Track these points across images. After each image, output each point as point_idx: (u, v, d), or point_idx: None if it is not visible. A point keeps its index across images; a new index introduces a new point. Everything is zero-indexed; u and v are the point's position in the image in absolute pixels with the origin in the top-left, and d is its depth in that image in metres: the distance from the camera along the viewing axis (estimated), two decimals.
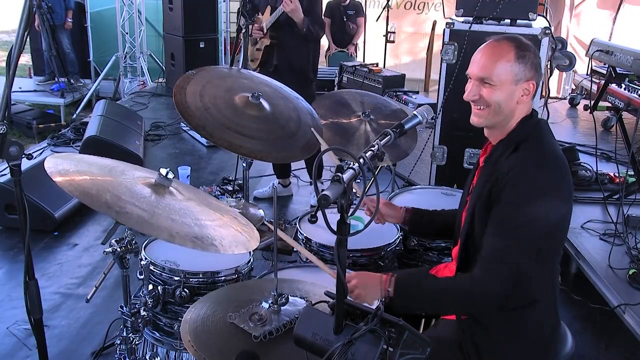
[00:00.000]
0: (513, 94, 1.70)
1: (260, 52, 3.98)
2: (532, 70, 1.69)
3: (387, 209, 2.17)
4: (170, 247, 2.15)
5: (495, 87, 1.69)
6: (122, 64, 8.29)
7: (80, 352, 2.70)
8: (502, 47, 1.69)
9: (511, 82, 1.68)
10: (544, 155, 1.67)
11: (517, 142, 1.70)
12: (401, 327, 1.18)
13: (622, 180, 3.84)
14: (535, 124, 1.74)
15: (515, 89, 1.69)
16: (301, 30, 3.73)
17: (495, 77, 1.68)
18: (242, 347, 1.45)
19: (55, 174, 1.56)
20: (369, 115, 2.67)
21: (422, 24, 9.13)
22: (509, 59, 1.67)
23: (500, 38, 1.73)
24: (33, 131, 6.58)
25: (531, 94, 1.72)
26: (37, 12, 7.00)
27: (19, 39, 1.82)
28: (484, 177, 1.74)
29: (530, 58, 1.69)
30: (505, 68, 1.67)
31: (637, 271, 2.98)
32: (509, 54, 1.68)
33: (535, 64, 1.70)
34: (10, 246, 3.68)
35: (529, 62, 1.68)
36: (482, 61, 1.72)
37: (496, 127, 1.77)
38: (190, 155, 5.56)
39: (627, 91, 4.42)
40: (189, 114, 2.19)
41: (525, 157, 1.66)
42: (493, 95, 1.70)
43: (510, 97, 1.70)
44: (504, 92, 1.69)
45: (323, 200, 1.15)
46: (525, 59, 1.68)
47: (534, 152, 1.68)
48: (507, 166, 1.66)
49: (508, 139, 1.74)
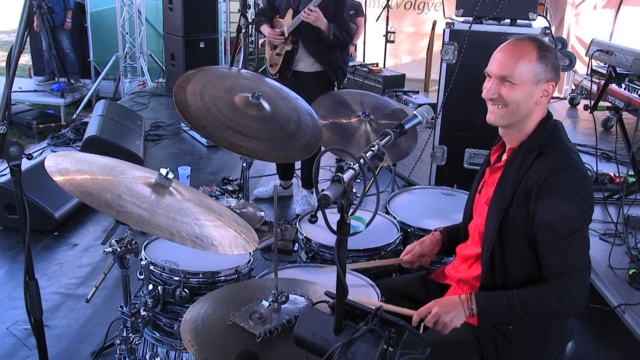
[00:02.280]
0: (532, 95, 1.69)
1: (280, 57, 3.80)
2: (552, 71, 1.69)
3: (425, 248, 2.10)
4: (170, 247, 2.16)
5: (515, 86, 1.69)
6: (122, 64, 8.29)
7: (80, 352, 2.70)
8: (525, 47, 1.69)
9: (532, 82, 1.68)
10: (571, 158, 1.68)
11: (540, 145, 1.70)
12: (401, 327, 1.18)
13: (622, 180, 3.84)
14: (553, 126, 1.74)
15: (535, 89, 1.69)
16: (328, 37, 3.56)
17: (517, 76, 1.68)
18: (242, 346, 1.45)
19: (56, 173, 1.56)
20: (369, 115, 2.67)
21: (422, 24, 9.13)
22: (531, 58, 1.67)
23: (523, 38, 1.72)
24: (33, 131, 6.58)
25: (550, 95, 1.71)
26: (37, 12, 7.00)
27: (19, 39, 1.82)
28: (509, 183, 1.72)
29: (551, 59, 1.68)
30: (526, 67, 1.67)
31: (637, 271, 2.99)
32: (531, 53, 1.67)
33: (555, 65, 1.69)
34: (10, 246, 3.68)
35: (549, 63, 1.68)
36: (503, 60, 1.71)
37: (512, 127, 1.76)
38: (190, 155, 5.56)
39: (627, 91, 4.42)
40: (189, 114, 2.19)
41: (555, 163, 1.66)
42: (512, 95, 1.69)
43: (529, 97, 1.69)
44: (524, 91, 1.69)
45: (323, 200, 1.15)
46: (547, 60, 1.68)
47: (561, 156, 1.68)
48: (538, 174, 1.65)
49: (530, 142, 1.73)
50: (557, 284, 1.65)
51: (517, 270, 1.73)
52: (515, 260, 1.72)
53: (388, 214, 2.55)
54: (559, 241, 1.64)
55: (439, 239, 2.11)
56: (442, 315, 1.71)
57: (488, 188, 1.86)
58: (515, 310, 1.68)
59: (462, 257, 1.95)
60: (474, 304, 1.71)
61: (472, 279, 1.88)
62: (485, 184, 1.90)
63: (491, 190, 1.81)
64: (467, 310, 1.71)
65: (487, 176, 1.91)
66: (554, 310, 1.66)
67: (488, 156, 1.95)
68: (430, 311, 1.72)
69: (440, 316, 1.71)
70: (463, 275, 1.92)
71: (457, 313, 1.71)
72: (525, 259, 1.71)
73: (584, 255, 1.67)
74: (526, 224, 1.67)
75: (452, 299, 1.75)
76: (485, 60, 1.77)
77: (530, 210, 1.66)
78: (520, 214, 1.68)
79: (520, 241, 1.69)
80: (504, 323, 1.74)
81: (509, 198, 1.70)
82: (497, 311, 1.71)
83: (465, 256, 1.93)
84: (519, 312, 1.67)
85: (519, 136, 1.76)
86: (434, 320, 1.71)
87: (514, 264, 1.73)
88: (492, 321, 1.73)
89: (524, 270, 1.72)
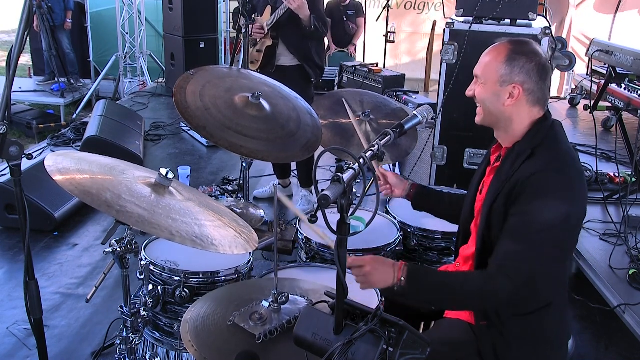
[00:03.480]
0: (498, 96, 1.69)
1: (260, 54, 3.91)
2: (522, 74, 1.66)
3: (394, 179, 2.17)
4: (170, 247, 2.16)
5: (482, 85, 1.71)
6: (122, 64, 8.29)
7: (80, 352, 2.70)
8: (499, 47, 1.70)
9: (495, 82, 1.68)
10: (560, 160, 1.66)
11: (532, 146, 1.68)
12: (401, 327, 1.18)
13: (622, 180, 3.84)
14: (549, 127, 1.72)
15: (500, 90, 1.68)
16: (309, 27, 3.66)
17: (483, 75, 1.70)
18: (242, 346, 1.45)
19: (56, 172, 1.56)
20: (369, 115, 2.67)
21: (422, 24, 9.14)
22: (499, 59, 1.68)
23: (506, 39, 1.73)
24: (33, 131, 6.58)
25: (517, 98, 1.68)
26: (37, 12, 7.00)
27: (19, 39, 1.82)
28: (500, 181, 1.72)
29: (521, 62, 1.66)
30: (492, 67, 1.68)
31: (637, 271, 2.98)
32: (501, 54, 1.68)
33: (527, 68, 1.66)
34: (10, 246, 3.68)
35: (517, 66, 1.66)
36: (481, 59, 1.74)
37: (497, 128, 1.77)
38: (190, 155, 5.56)
39: (627, 91, 4.42)
40: (189, 114, 2.19)
41: (541, 164, 1.64)
42: (481, 93, 1.72)
43: (495, 97, 1.69)
44: (489, 91, 1.70)
45: (323, 200, 1.15)
46: (515, 62, 1.66)
47: (550, 157, 1.66)
48: (524, 173, 1.64)
49: (523, 142, 1.72)
50: (490, 275, 1.62)
51: None
52: None
53: (388, 214, 2.56)
54: (518, 235, 1.60)
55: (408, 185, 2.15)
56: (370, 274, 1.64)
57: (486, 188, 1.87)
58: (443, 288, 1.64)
59: (464, 258, 1.94)
60: (405, 274, 1.63)
61: None
62: (485, 183, 1.90)
63: None
64: (397, 279, 1.63)
65: (486, 176, 1.91)
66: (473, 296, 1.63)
67: (488, 156, 1.95)
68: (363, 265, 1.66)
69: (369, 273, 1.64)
70: None
71: (384, 277, 1.64)
72: None
73: (542, 262, 1.60)
74: (504, 221, 1.66)
75: (385, 262, 1.68)
76: None
77: (509, 210, 1.65)
78: (500, 213, 1.67)
79: None
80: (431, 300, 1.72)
81: (494, 197, 1.70)
82: (425, 285, 1.66)
83: (467, 256, 1.92)
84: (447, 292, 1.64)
85: (510, 137, 1.75)
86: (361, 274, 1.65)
87: None
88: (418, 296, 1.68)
89: None
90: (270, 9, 3.81)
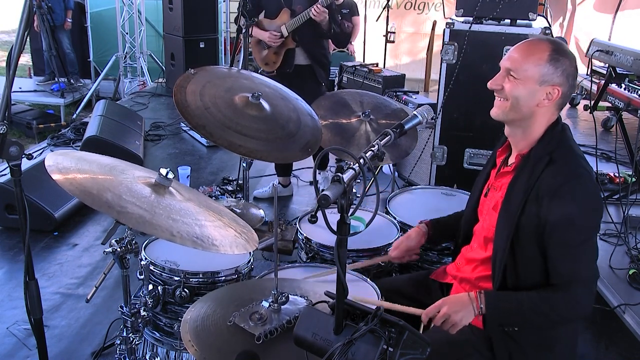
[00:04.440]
0: (534, 94, 1.67)
1: (278, 56, 3.93)
2: (562, 77, 1.66)
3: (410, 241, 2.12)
4: (170, 247, 2.16)
5: (518, 81, 1.67)
6: (122, 64, 8.29)
7: (80, 352, 2.70)
8: (539, 46, 1.67)
9: (536, 81, 1.66)
10: (581, 165, 1.68)
11: (549, 152, 1.68)
12: (401, 327, 1.17)
13: (622, 181, 3.84)
14: (561, 131, 1.73)
15: (538, 89, 1.66)
16: (328, 33, 3.81)
17: (521, 72, 1.67)
18: (242, 346, 1.44)
19: (56, 172, 1.56)
20: (369, 115, 2.67)
21: (422, 24, 9.13)
22: (541, 57, 1.65)
23: (543, 38, 1.72)
24: (33, 131, 6.58)
25: (554, 100, 1.68)
26: (37, 12, 7.00)
27: (19, 39, 1.82)
28: (520, 191, 1.70)
29: (564, 64, 1.65)
30: (534, 65, 1.65)
31: (637, 271, 2.99)
32: (543, 53, 1.65)
33: (568, 72, 1.66)
34: (10, 246, 3.68)
35: (560, 68, 1.65)
36: (514, 54, 1.70)
37: (516, 126, 1.75)
38: (190, 155, 5.56)
39: (627, 91, 4.41)
40: (189, 114, 2.19)
41: (566, 172, 1.65)
42: (514, 90, 1.68)
43: (531, 96, 1.67)
44: (526, 89, 1.67)
45: (323, 200, 1.15)
46: (558, 64, 1.65)
47: (572, 164, 1.67)
48: (550, 182, 1.64)
49: (538, 149, 1.71)
50: (566, 291, 1.65)
51: (529, 278, 1.71)
52: (527, 267, 1.71)
53: (388, 214, 2.55)
54: (571, 250, 1.64)
55: (425, 231, 2.12)
56: (451, 315, 1.68)
57: (495, 192, 1.84)
58: (523, 311, 1.67)
59: (466, 259, 1.94)
60: (483, 302, 1.69)
61: (475, 279, 1.87)
62: (492, 187, 1.87)
63: (499, 195, 1.80)
64: (477, 308, 1.69)
65: (492, 179, 1.89)
66: (562, 315, 1.66)
67: (493, 157, 1.93)
68: (440, 310, 1.70)
69: (450, 316, 1.69)
70: (466, 275, 1.91)
71: (466, 312, 1.69)
72: (537, 266, 1.70)
73: (593, 265, 1.68)
74: (537, 232, 1.66)
75: (460, 297, 1.72)
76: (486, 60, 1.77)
77: (542, 219, 1.64)
78: (532, 223, 1.66)
79: (532, 249, 1.68)
80: (511, 324, 1.73)
81: (521, 207, 1.68)
82: (506, 311, 1.70)
83: (470, 259, 1.92)
84: (527, 314, 1.67)
85: (526, 140, 1.74)
86: (443, 319, 1.69)
87: (526, 272, 1.71)
88: (499, 321, 1.72)
89: (535, 277, 1.71)
90: (288, 12, 3.83)
